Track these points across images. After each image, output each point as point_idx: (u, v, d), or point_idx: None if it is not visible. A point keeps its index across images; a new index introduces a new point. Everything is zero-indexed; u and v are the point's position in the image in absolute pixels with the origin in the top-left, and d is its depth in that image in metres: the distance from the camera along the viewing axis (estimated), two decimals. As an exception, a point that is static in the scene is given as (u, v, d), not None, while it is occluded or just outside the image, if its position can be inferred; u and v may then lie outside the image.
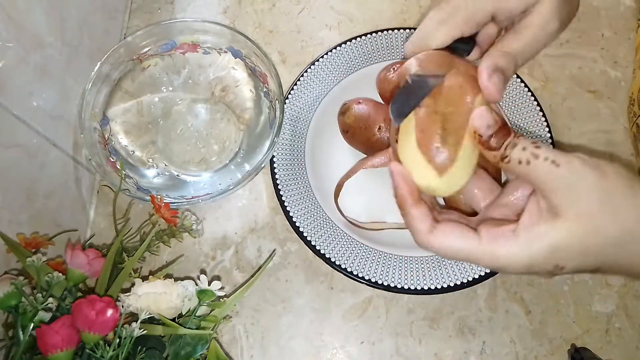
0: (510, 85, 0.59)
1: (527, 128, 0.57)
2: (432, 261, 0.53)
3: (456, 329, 0.53)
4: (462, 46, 0.38)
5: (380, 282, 0.52)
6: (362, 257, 0.53)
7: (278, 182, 0.55)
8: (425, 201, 0.33)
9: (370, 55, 0.61)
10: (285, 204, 0.55)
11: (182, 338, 0.46)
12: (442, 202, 0.51)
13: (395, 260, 0.53)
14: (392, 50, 0.61)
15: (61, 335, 0.40)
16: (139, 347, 0.43)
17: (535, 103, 0.57)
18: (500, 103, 0.58)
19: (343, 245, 0.53)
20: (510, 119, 0.58)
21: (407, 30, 0.61)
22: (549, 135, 0.56)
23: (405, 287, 0.51)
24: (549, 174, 0.29)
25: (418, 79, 0.34)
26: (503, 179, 0.51)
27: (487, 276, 0.51)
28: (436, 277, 0.52)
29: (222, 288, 0.48)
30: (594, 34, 0.64)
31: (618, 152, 0.58)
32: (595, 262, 0.30)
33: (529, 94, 0.58)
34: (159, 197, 0.50)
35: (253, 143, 0.58)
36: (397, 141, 0.35)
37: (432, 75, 0.34)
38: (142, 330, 0.42)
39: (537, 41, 0.36)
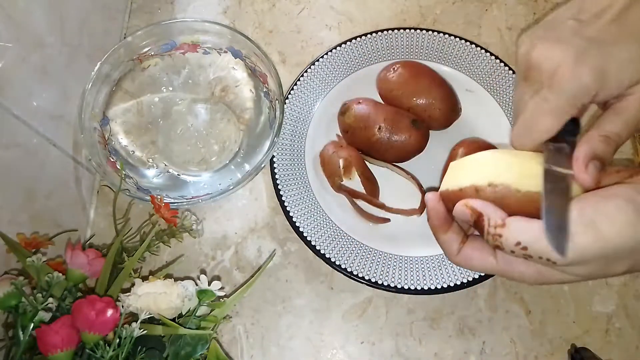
0: (511, 85, 0.59)
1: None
2: (432, 261, 0.53)
3: (456, 329, 0.53)
4: (569, 128, 0.36)
5: (380, 282, 0.52)
6: (362, 257, 0.53)
7: (278, 182, 0.55)
8: (454, 226, 0.38)
9: (370, 55, 0.61)
10: (285, 204, 0.55)
11: (182, 338, 0.46)
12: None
13: (395, 260, 0.53)
14: (392, 50, 0.61)
15: (61, 335, 0.40)
16: (139, 347, 0.43)
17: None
18: (501, 104, 0.59)
19: (343, 245, 0.53)
20: (512, 120, 0.58)
21: (407, 30, 0.61)
22: (549, 135, 0.56)
23: (405, 287, 0.51)
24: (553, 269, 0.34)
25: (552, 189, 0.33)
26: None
27: (487, 276, 0.51)
28: (436, 277, 0.52)
29: (222, 288, 0.48)
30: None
31: (618, 151, 0.58)
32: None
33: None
34: (159, 197, 0.50)
35: (253, 143, 0.58)
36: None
37: (560, 173, 0.34)
38: (142, 330, 0.42)
39: (635, 123, 0.35)
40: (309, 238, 0.53)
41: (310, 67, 0.60)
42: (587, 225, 0.31)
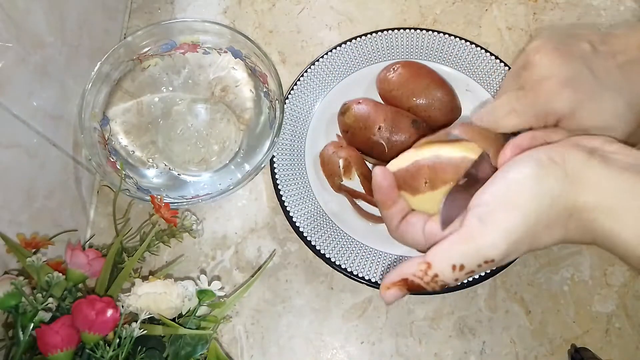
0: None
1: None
2: (432, 261, 0.53)
3: (456, 329, 0.53)
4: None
5: (380, 282, 0.52)
6: (362, 257, 0.53)
7: (278, 182, 0.55)
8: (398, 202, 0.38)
9: (370, 55, 0.61)
10: (285, 204, 0.55)
11: (182, 338, 0.46)
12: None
13: (395, 260, 0.53)
14: (392, 50, 0.61)
15: (61, 335, 0.40)
16: (139, 347, 0.43)
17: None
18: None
19: (343, 245, 0.53)
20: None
21: (407, 30, 0.61)
22: (549, 135, 0.56)
23: (405, 287, 0.51)
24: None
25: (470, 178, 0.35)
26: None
27: (487, 276, 0.51)
28: (436, 277, 0.52)
29: (222, 288, 0.48)
30: (594, 34, 0.64)
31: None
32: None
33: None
34: (159, 197, 0.50)
35: (253, 143, 0.58)
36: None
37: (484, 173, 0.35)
38: (142, 330, 0.42)
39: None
40: (309, 238, 0.53)
41: (310, 67, 0.60)
42: (502, 204, 0.30)
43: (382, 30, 0.61)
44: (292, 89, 0.59)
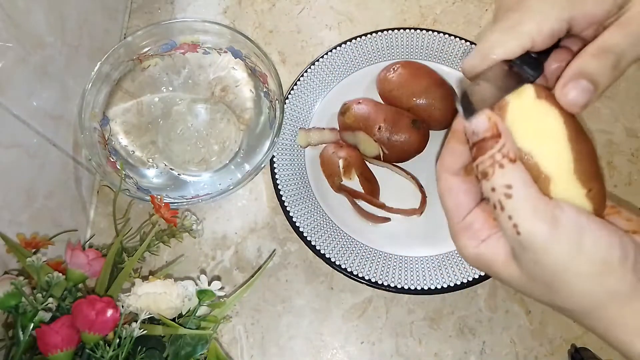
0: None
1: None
2: (432, 261, 0.53)
3: (456, 329, 0.53)
4: (528, 70, 0.31)
5: (380, 282, 0.52)
6: (362, 257, 0.53)
7: (278, 182, 0.55)
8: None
9: (370, 55, 0.61)
10: (285, 204, 0.55)
11: (182, 338, 0.46)
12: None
13: (395, 260, 0.53)
14: (392, 50, 0.61)
15: (61, 335, 0.40)
16: (139, 347, 0.43)
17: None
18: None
19: (343, 245, 0.53)
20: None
21: (407, 30, 0.61)
22: (549, 135, 0.56)
23: (405, 287, 0.51)
24: (508, 236, 0.29)
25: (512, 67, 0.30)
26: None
27: (487, 276, 0.51)
28: (436, 277, 0.52)
29: (222, 288, 0.48)
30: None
31: (617, 151, 0.58)
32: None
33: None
34: (159, 197, 0.50)
35: (253, 143, 0.58)
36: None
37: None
38: (142, 330, 0.42)
39: None
40: (309, 238, 0.53)
41: (310, 67, 0.60)
42: (573, 232, 0.27)
43: (382, 30, 0.61)
44: (292, 89, 0.59)
